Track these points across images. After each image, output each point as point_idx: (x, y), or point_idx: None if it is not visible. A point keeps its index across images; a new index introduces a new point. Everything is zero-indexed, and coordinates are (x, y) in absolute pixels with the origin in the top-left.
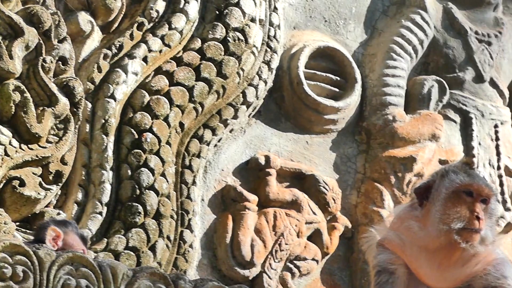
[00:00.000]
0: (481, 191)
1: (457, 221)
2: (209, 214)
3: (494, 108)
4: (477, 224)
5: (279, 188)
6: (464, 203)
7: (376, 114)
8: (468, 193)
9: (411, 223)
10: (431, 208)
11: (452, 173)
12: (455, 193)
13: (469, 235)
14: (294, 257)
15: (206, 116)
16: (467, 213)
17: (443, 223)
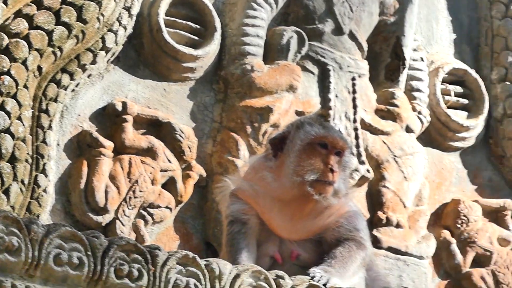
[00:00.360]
0: (336, 143)
1: (311, 173)
2: (64, 159)
3: (352, 60)
4: (330, 176)
5: (135, 135)
6: (318, 155)
7: (234, 64)
8: (322, 145)
9: (264, 174)
10: (286, 159)
11: (308, 125)
12: (309, 145)
13: (322, 187)
14: (148, 204)
15: (65, 61)
16: (321, 165)
17: (297, 175)
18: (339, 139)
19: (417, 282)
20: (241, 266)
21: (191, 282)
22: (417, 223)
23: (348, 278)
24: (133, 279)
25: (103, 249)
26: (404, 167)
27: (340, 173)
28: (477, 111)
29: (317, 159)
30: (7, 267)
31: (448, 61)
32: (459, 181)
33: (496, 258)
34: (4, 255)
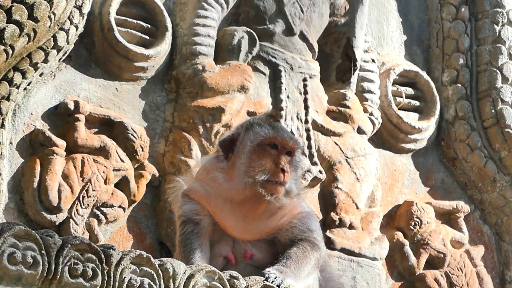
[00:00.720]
0: (286, 143)
1: (262, 174)
2: (17, 157)
3: (303, 61)
4: (281, 176)
5: (88, 134)
6: (268, 156)
7: (186, 63)
8: (272, 146)
9: (216, 175)
10: (236, 160)
11: (257, 126)
12: (259, 146)
13: (273, 188)
14: (101, 203)
15: (17, 59)
16: (271, 166)
17: (248, 176)
18: (289, 140)
19: (371, 283)
20: (195, 266)
21: (145, 282)
22: (370, 225)
23: (303, 278)
24: (87, 278)
25: (57, 248)
26: (356, 169)
27: (292, 173)
28: (429, 113)
29: (268, 159)
30: None
31: (399, 63)
32: (412, 183)
33: (449, 260)
34: None
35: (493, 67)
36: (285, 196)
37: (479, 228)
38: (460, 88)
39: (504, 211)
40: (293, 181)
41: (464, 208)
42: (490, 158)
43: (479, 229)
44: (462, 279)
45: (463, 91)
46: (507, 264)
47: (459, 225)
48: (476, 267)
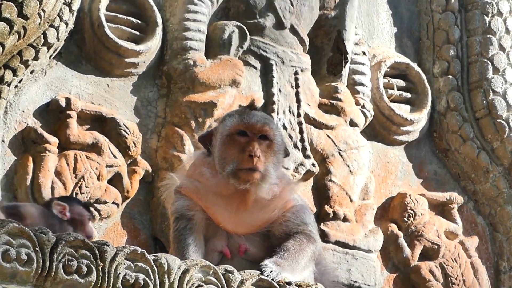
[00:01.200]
0: (253, 127)
1: (230, 163)
2: (10, 155)
3: (294, 55)
4: (249, 162)
5: (80, 131)
6: (238, 144)
7: (176, 59)
8: (241, 133)
9: (203, 170)
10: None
11: (228, 117)
12: (228, 137)
13: (246, 175)
14: (94, 200)
15: (7, 57)
16: (240, 154)
17: (221, 168)
18: (256, 123)
19: (366, 275)
20: (189, 261)
21: (140, 278)
22: (364, 217)
23: (300, 271)
24: (82, 274)
25: (51, 245)
26: (349, 161)
27: (269, 157)
28: (421, 104)
29: (237, 148)
30: None
31: (390, 55)
32: (405, 175)
33: (444, 251)
34: None
35: (483, 58)
36: (263, 181)
37: (472, 219)
38: (451, 79)
39: (498, 201)
40: (271, 165)
41: (458, 199)
42: (482, 149)
43: (473, 220)
44: (457, 270)
45: (454, 83)
46: (501, 255)
47: (453, 216)
48: (471, 258)
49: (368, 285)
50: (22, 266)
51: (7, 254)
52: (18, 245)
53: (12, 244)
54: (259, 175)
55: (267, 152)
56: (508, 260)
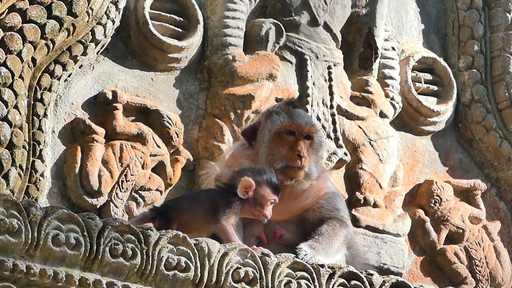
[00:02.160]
0: (302, 129)
1: (280, 161)
2: (59, 145)
3: (327, 50)
4: (298, 162)
5: (126, 122)
6: (286, 143)
7: (217, 54)
8: (289, 133)
9: (243, 162)
10: (259, 149)
11: (275, 114)
12: (277, 134)
13: (292, 172)
14: (139, 187)
15: (57, 52)
16: (289, 152)
17: (268, 164)
18: (305, 125)
19: (395, 258)
20: (229, 245)
21: (182, 260)
22: (393, 203)
23: (333, 254)
24: (127, 258)
25: (98, 229)
26: (379, 150)
27: (312, 156)
28: (447, 97)
29: (285, 146)
30: (8, 247)
31: (418, 50)
32: (431, 163)
33: (468, 235)
34: (5, 236)
35: (506, 52)
36: (305, 179)
37: (495, 205)
38: (476, 73)
39: None
40: (313, 163)
41: (481, 186)
42: (505, 138)
43: (496, 206)
44: (480, 252)
45: (478, 76)
46: None
47: (477, 202)
48: (493, 241)
49: (397, 267)
50: (71, 249)
51: (56, 238)
52: (67, 230)
53: (62, 229)
54: (303, 173)
55: (310, 151)
56: None
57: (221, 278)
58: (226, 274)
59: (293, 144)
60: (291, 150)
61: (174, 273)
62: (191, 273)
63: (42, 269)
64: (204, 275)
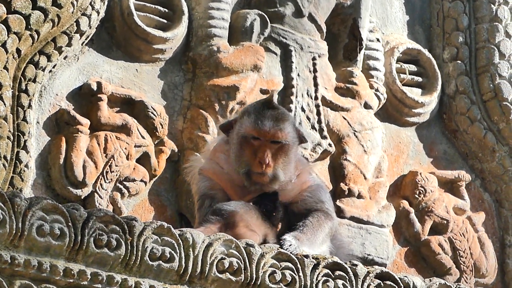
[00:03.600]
0: (265, 134)
1: (243, 165)
2: (44, 136)
3: (312, 41)
4: (259, 168)
5: (110, 113)
6: (251, 147)
7: (201, 45)
8: (255, 137)
9: (220, 156)
10: (230, 148)
11: (246, 115)
12: (243, 138)
13: (256, 177)
14: (123, 178)
15: (42, 43)
16: (252, 158)
17: (236, 167)
18: (268, 130)
19: (379, 249)
20: (213, 235)
21: (167, 251)
22: (378, 194)
23: (318, 246)
24: (112, 248)
25: (83, 220)
26: (364, 141)
27: (280, 159)
28: (431, 88)
29: (250, 151)
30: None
31: (403, 42)
32: (416, 154)
33: (452, 226)
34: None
35: (490, 44)
36: (272, 183)
37: (479, 196)
38: (460, 64)
39: (503, 179)
40: (281, 166)
41: (466, 177)
42: (489, 129)
43: (480, 197)
44: (465, 243)
45: (463, 67)
46: (507, 229)
47: (461, 193)
48: (478, 232)
49: (381, 258)
50: (55, 240)
51: (41, 229)
52: (51, 221)
53: (46, 219)
54: (268, 179)
55: (278, 154)
56: None
57: (205, 268)
58: (211, 264)
59: (257, 149)
60: (255, 155)
61: (159, 264)
62: (175, 263)
63: (26, 260)
64: (189, 265)
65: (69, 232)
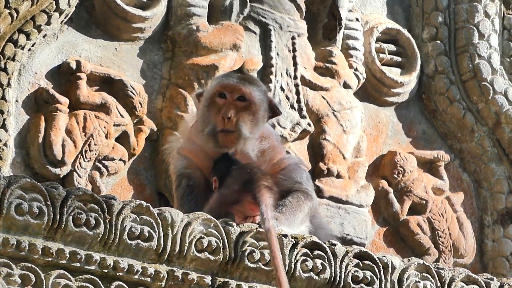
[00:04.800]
0: (231, 88)
1: (207, 125)
2: (23, 114)
3: (291, 21)
4: (222, 124)
5: (89, 92)
6: (217, 107)
7: (181, 24)
8: (221, 95)
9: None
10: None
11: (213, 80)
12: (209, 99)
13: (222, 138)
14: (102, 157)
15: (21, 22)
16: (216, 116)
17: (201, 130)
18: (232, 84)
19: (358, 229)
20: (192, 214)
21: (145, 230)
22: (356, 174)
23: (297, 225)
24: (91, 227)
25: (61, 199)
26: (343, 121)
27: (247, 117)
28: (410, 68)
29: (215, 110)
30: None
31: (382, 21)
32: (395, 134)
33: (431, 206)
34: None
35: (470, 24)
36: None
37: (458, 176)
38: (439, 44)
39: (482, 159)
40: (248, 124)
41: (445, 157)
42: (468, 109)
43: (459, 177)
44: (443, 224)
45: (442, 47)
46: (485, 210)
47: (440, 173)
48: (456, 212)
49: (360, 238)
50: (34, 219)
51: (19, 207)
52: (30, 199)
53: (25, 198)
54: (233, 137)
55: (245, 112)
56: (491, 215)
57: (184, 247)
58: (189, 243)
59: (222, 107)
60: (219, 113)
61: (137, 243)
62: (154, 242)
63: (5, 238)
64: (167, 244)
65: (47, 210)
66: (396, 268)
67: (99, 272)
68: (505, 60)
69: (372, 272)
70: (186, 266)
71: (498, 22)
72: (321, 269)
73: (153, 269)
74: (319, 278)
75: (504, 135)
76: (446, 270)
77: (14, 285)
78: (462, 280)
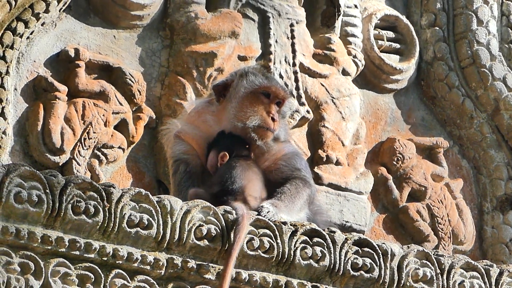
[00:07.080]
0: (278, 93)
1: (253, 119)
2: (22, 103)
3: (290, 8)
4: (271, 124)
5: (88, 80)
6: (261, 103)
7: (179, 11)
8: (265, 95)
9: (207, 117)
10: (227, 105)
11: (252, 74)
12: (253, 94)
13: (263, 133)
14: (101, 145)
15: (19, 10)
16: (263, 113)
17: (239, 120)
18: (281, 90)
19: (357, 216)
20: (191, 202)
21: (145, 218)
22: (356, 161)
23: (296, 213)
24: (90, 215)
25: (60, 187)
26: (341, 108)
27: (280, 121)
28: (409, 54)
29: (260, 107)
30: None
31: (380, 8)
32: (394, 121)
33: (430, 193)
34: None
35: (468, 10)
36: (273, 141)
37: (458, 163)
38: (438, 31)
39: (481, 145)
40: (281, 128)
41: (444, 144)
42: (467, 96)
43: (458, 163)
44: (443, 210)
45: (441, 34)
46: (485, 196)
47: (439, 160)
48: (456, 199)
49: (359, 225)
50: (33, 207)
51: (19, 195)
52: (29, 187)
53: (24, 186)
54: (272, 136)
55: (278, 116)
56: (491, 201)
57: (183, 235)
58: (189, 231)
59: (266, 106)
60: (265, 111)
61: (137, 231)
62: (153, 230)
63: (4, 227)
64: (167, 232)
65: (46, 199)
66: (396, 255)
67: (99, 260)
68: (504, 46)
69: (372, 259)
70: (186, 254)
71: (497, 8)
72: (320, 257)
73: (152, 257)
74: (318, 266)
75: (503, 121)
76: (446, 257)
77: (14, 274)
78: (462, 267)
